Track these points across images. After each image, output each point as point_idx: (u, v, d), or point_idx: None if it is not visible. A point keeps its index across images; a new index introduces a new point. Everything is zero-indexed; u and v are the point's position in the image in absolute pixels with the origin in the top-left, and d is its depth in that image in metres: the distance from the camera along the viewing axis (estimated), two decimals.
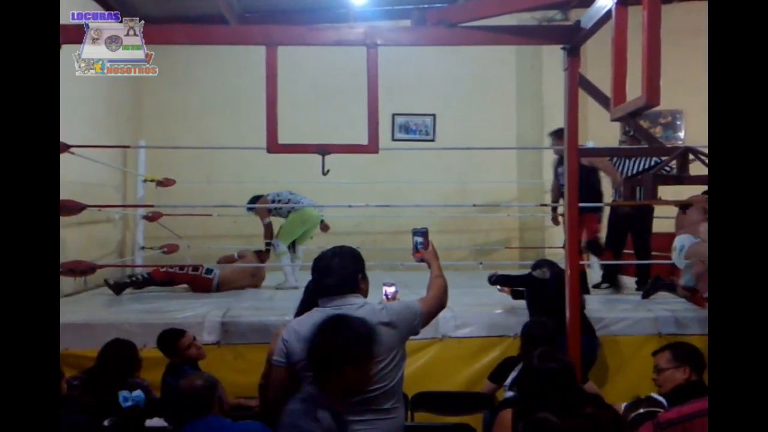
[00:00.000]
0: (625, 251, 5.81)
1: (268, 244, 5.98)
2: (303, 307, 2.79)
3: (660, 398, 2.71)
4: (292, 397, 2.29)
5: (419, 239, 2.72)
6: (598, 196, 5.54)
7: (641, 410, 2.33)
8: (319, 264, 2.43)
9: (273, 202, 5.93)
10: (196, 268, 5.68)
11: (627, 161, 5.45)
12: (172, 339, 3.32)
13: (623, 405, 2.69)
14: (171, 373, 3.23)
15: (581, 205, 4.80)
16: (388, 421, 2.33)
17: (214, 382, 2.49)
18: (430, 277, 2.64)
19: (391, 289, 3.02)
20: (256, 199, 6.08)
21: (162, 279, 5.58)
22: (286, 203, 5.93)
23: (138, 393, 2.77)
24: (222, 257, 6.18)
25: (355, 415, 2.29)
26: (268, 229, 6.00)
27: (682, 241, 4.70)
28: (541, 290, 4.08)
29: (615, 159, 5.55)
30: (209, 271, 5.67)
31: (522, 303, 4.29)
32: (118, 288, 5.52)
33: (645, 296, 4.88)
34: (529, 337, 3.45)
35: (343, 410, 2.28)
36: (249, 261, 5.94)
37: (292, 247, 6.03)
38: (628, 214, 5.53)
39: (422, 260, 2.73)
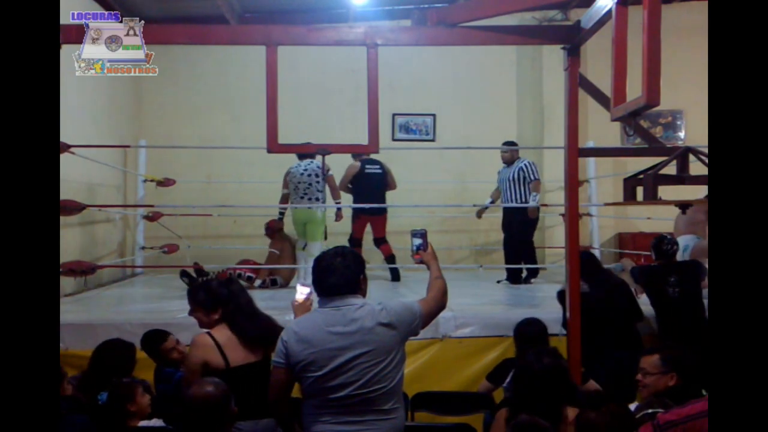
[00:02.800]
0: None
1: (281, 213, 6.14)
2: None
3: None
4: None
5: (418, 241, 2.71)
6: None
7: (649, 410, 2.32)
8: (322, 264, 2.42)
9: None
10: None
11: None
12: (155, 341, 3.27)
13: (634, 404, 2.67)
14: (159, 379, 3.21)
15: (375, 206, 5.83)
16: (389, 422, 2.33)
17: (226, 390, 2.35)
18: (430, 278, 2.64)
19: (305, 290, 2.80)
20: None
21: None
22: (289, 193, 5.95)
23: (103, 395, 2.73)
24: (268, 261, 6.20)
25: (356, 416, 2.29)
26: (283, 199, 6.06)
27: (686, 240, 4.71)
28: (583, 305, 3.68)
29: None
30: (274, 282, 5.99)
31: (521, 302, 4.29)
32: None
33: None
34: (519, 337, 3.46)
35: (344, 412, 2.30)
36: (276, 245, 6.20)
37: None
38: (507, 214, 6.22)
39: (421, 262, 2.72)
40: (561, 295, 3.88)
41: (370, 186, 6.17)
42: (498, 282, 6.20)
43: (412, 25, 3.69)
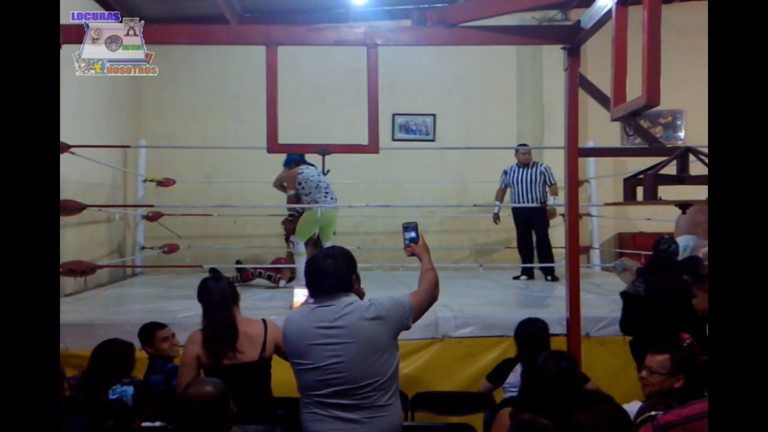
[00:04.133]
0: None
1: (291, 214, 6.02)
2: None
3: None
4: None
5: (411, 234, 2.69)
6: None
7: (652, 412, 2.32)
8: (314, 267, 2.43)
9: (300, 183, 5.78)
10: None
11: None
12: (152, 328, 3.32)
13: (638, 406, 2.67)
14: (150, 370, 3.22)
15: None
16: (384, 419, 2.33)
17: (225, 390, 2.29)
18: (421, 270, 2.64)
19: (305, 291, 2.89)
20: (292, 160, 5.88)
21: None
22: (306, 193, 5.80)
23: (127, 388, 2.73)
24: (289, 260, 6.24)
25: (349, 411, 2.30)
26: (291, 200, 5.95)
27: (685, 240, 4.68)
28: (639, 309, 3.37)
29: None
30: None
31: (522, 302, 4.28)
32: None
33: None
34: (520, 337, 3.45)
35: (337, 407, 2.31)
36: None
37: (319, 244, 5.97)
38: (528, 213, 6.26)
39: (413, 254, 2.70)
40: (623, 296, 3.66)
41: None
42: (515, 278, 6.34)
43: (412, 25, 3.69)
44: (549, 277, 6.19)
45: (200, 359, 2.76)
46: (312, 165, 5.85)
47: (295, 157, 5.89)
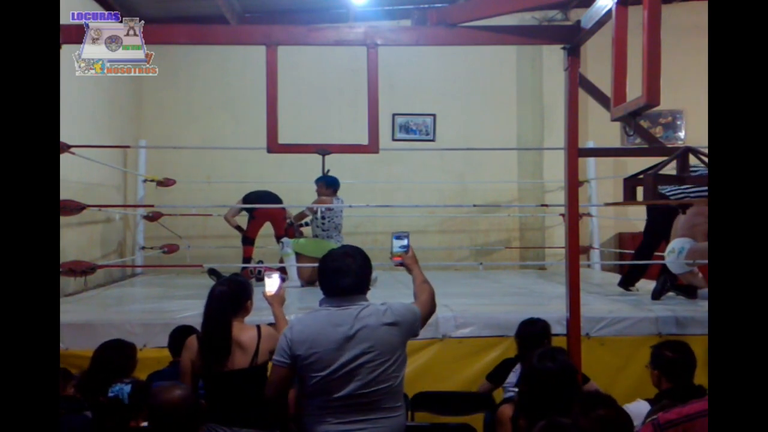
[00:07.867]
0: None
1: (300, 223, 6.00)
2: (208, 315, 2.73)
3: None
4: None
5: (403, 242, 2.67)
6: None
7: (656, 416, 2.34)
8: (333, 264, 2.39)
9: (324, 216, 5.74)
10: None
11: None
12: (185, 335, 3.09)
13: (642, 404, 2.68)
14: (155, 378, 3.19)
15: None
16: (391, 420, 2.35)
17: (192, 394, 2.39)
18: (416, 282, 2.63)
19: (275, 280, 2.84)
20: (331, 184, 5.78)
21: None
22: (325, 228, 5.77)
23: (124, 386, 2.72)
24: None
25: (360, 415, 2.31)
26: (302, 215, 5.94)
27: (681, 243, 4.65)
28: None
29: None
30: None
31: (522, 302, 4.27)
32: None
33: (656, 297, 4.78)
34: (521, 336, 3.45)
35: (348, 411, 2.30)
36: None
37: None
38: (666, 219, 5.06)
39: (401, 264, 2.68)
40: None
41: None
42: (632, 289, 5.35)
43: (412, 25, 3.69)
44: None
45: (194, 366, 2.69)
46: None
47: (335, 183, 5.82)
